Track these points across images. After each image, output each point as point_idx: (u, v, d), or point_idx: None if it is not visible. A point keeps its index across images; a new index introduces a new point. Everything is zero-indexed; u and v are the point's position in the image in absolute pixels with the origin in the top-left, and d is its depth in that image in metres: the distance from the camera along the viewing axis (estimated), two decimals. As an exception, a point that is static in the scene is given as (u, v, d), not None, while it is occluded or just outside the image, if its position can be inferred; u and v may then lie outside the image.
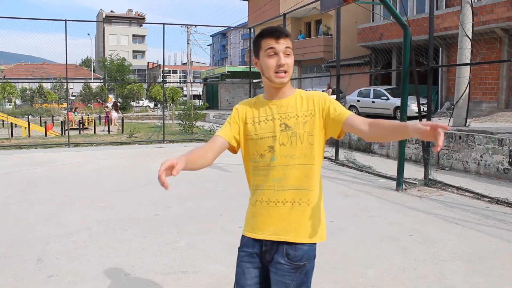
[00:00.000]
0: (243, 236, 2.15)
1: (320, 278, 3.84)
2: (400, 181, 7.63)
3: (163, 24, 15.02)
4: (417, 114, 16.74)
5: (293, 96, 2.07)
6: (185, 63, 64.20)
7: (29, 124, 18.86)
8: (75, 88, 50.73)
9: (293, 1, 25.37)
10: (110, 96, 43.03)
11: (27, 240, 5.07)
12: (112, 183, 8.35)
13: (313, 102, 2.04)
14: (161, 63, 67.30)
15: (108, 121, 22.18)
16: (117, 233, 5.28)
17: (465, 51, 10.74)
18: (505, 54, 16.34)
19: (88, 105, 40.11)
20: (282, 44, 1.98)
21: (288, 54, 2.00)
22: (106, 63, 40.73)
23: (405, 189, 7.63)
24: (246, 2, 33.07)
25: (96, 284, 3.88)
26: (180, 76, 63.63)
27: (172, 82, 48.38)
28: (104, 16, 71.03)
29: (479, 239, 5.04)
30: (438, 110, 18.59)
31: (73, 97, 43.82)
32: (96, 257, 4.50)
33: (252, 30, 19.26)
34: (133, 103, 39.32)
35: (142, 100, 45.42)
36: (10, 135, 17.50)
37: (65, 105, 42.92)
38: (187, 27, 34.80)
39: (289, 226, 2.02)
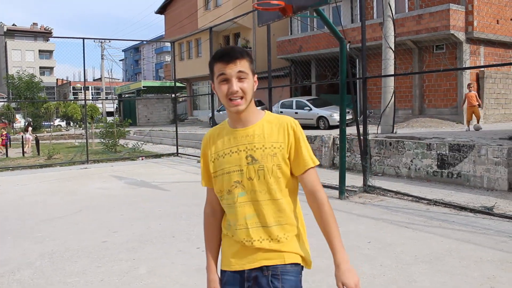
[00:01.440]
0: (222, 272, 1.97)
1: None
2: (342, 189, 7.82)
3: (83, 38, 14.32)
4: (338, 123, 17.40)
5: (259, 123, 1.91)
6: (97, 79, 61.95)
7: None
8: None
9: (211, 16, 25.46)
10: (17, 116, 40.29)
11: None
12: (43, 211, 7.72)
13: (286, 133, 1.89)
14: (71, 80, 64.33)
15: (6, 144, 20.47)
16: (66, 266, 4.86)
17: (389, 62, 11.37)
18: (416, 64, 17.55)
19: (-7, 126, 37.13)
20: (234, 69, 1.83)
21: (242, 78, 1.84)
22: (13, 81, 37.95)
23: (347, 196, 7.84)
24: (163, 16, 32.63)
25: (60, 325, 3.53)
26: (92, 92, 61.16)
27: (96, 99, 46.31)
28: (5, 30, 66.37)
29: (431, 240, 5.28)
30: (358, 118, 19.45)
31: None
32: (50, 294, 4.11)
33: (172, 44, 18.97)
34: (45, 123, 37.05)
35: (54, 119, 42.98)
36: None
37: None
38: (101, 42, 33.57)
39: (270, 256, 1.87)
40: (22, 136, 22.05)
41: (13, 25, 70.64)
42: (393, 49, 11.44)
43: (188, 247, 5.25)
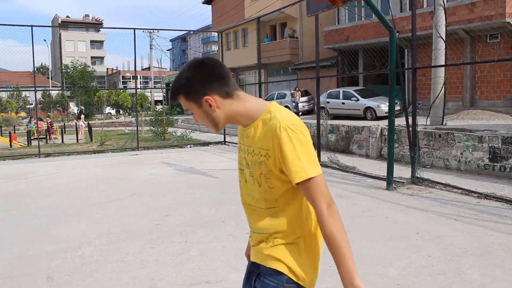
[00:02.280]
0: None
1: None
2: (390, 180, 7.78)
3: (134, 29, 14.75)
4: (387, 114, 17.11)
5: (255, 124, 1.71)
6: (145, 69, 63.38)
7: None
8: (31, 96, 49.10)
9: (258, 6, 25.47)
10: (71, 104, 41.93)
11: (28, 258, 4.86)
12: (98, 194, 8.12)
13: (271, 139, 1.63)
14: (121, 69, 66.16)
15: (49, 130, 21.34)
16: (123, 246, 5.14)
17: (440, 52, 11.10)
18: (468, 54, 16.99)
19: (48, 113, 38.90)
20: (183, 105, 1.75)
21: (192, 112, 1.75)
22: (68, 70, 39.60)
23: (395, 188, 7.79)
24: (210, 6, 32.97)
25: (120, 299, 3.77)
26: (140, 81, 62.69)
27: (143, 88, 47.51)
28: (59, 21, 69.01)
29: (482, 233, 5.21)
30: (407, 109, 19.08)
31: (31, 106, 42.36)
32: (110, 271, 4.37)
33: (221, 34, 19.18)
34: (96, 111, 38.48)
35: (105, 107, 44.47)
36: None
37: (23, 114, 41.58)
38: (150, 32, 34.33)
39: (258, 255, 1.78)
40: (76, 123, 23.04)
41: (66, 17, 73.43)
42: (444, 39, 11.14)
43: (238, 232, 5.42)
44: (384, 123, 12.44)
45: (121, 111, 45.05)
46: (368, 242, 4.97)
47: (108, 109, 47.59)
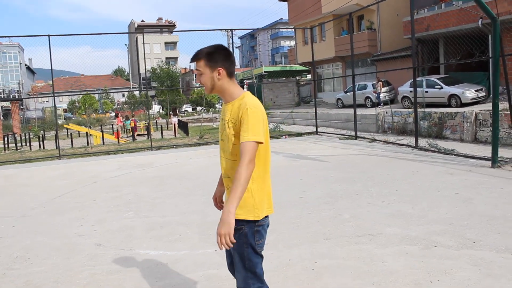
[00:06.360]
0: None
1: (486, 231, 4.85)
2: (495, 159, 8.52)
3: (231, 29, 16.17)
4: (472, 101, 17.33)
5: (233, 102, 2.51)
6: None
7: (102, 133, 20.39)
8: (115, 97, 52.88)
9: (336, 2, 26.18)
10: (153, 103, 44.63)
11: (208, 223, 6.15)
12: (231, 177, 9.42)
13: (240, 112, 2.41)
14: (193, 69, 68.90)
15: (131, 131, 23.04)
16: (282, 213, 6.26)
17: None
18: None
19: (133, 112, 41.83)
20: (196, 67, 2.54)
21: (200, 74, 2.53)
22: (156, 72, 42.58)
23: (499, 166, 8.52)
24: (286, 2, 34.05)
25: (305, 247, 4.93)
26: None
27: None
28: (136, 26, 73.14)
29: None
30: (490, 96, 19.20)
31: (119, 106, 45.72)
32: (285, 230, 5.55)
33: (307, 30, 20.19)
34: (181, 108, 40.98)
35: (183, 104, 46.99)
36: (87, 144, 19.11)
37: (107, 115, 44.99)
38: (227, 31, 36.06)
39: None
40: (167, 121, 24.98)
41: (142, 21, 77.56)
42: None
43: (374, 201, 6.48)
44: (469, 110, 12.94)
45: (198, 108, 47.38)
46: (492, 206, 5.86)
47: (185, 107, 50.21)
